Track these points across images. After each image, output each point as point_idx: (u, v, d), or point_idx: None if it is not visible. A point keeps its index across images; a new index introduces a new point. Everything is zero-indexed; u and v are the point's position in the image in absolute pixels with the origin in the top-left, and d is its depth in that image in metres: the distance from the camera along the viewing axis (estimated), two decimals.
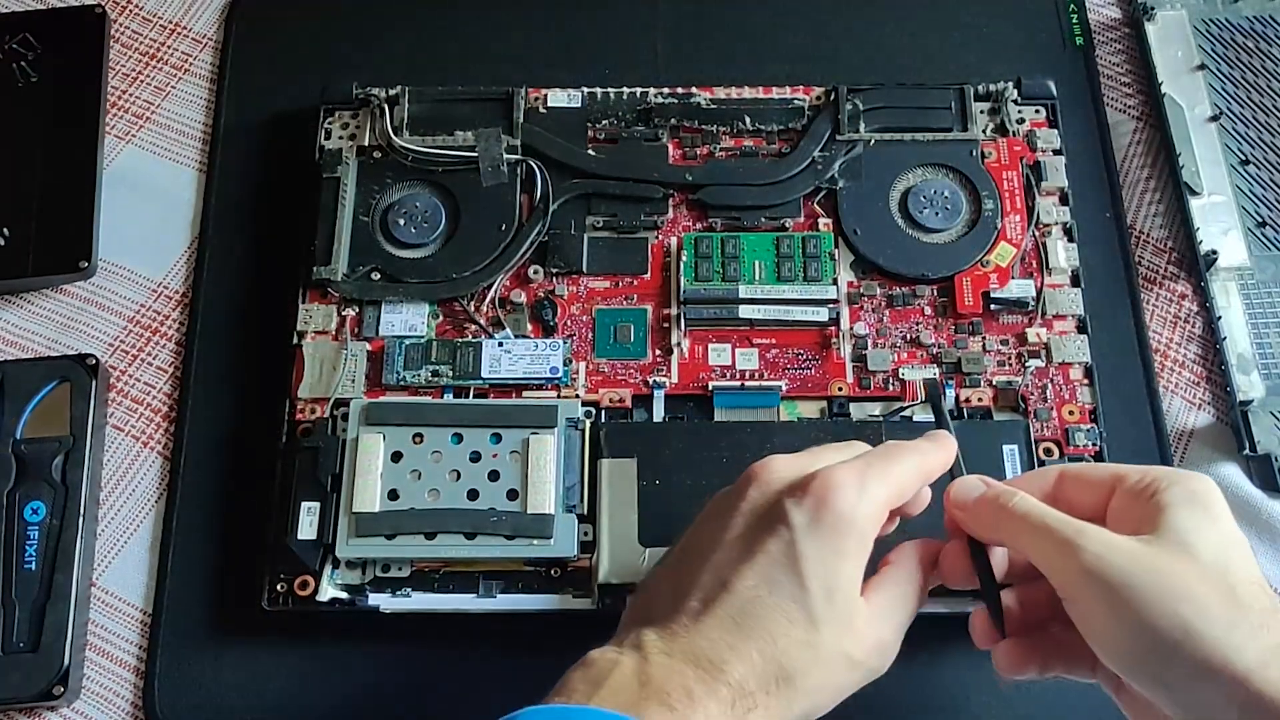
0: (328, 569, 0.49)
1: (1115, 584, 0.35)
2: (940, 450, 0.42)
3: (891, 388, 0.52)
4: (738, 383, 0.52)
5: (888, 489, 0.39)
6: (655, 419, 0.52)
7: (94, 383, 0.54)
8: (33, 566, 0.50)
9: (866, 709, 0.48)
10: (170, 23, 0.64)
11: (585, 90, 0.58)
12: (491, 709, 0.36)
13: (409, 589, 0.49)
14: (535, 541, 0.48)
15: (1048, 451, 0.50)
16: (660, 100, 0.57)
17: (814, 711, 0.38)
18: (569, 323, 0.54)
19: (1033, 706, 0.48)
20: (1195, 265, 0.56)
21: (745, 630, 0.36)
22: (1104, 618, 0.35)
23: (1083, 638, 0.37)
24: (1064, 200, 0.55)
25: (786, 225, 0.55)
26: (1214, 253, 0.55)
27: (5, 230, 0.58)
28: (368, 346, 0.53)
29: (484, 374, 0.52)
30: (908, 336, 0.53)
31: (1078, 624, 0.37)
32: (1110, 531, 0.37)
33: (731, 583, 0.37)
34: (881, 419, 0.51)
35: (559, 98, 0.58)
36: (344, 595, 0.49)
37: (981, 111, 0.57)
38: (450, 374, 0.52)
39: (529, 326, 0.54)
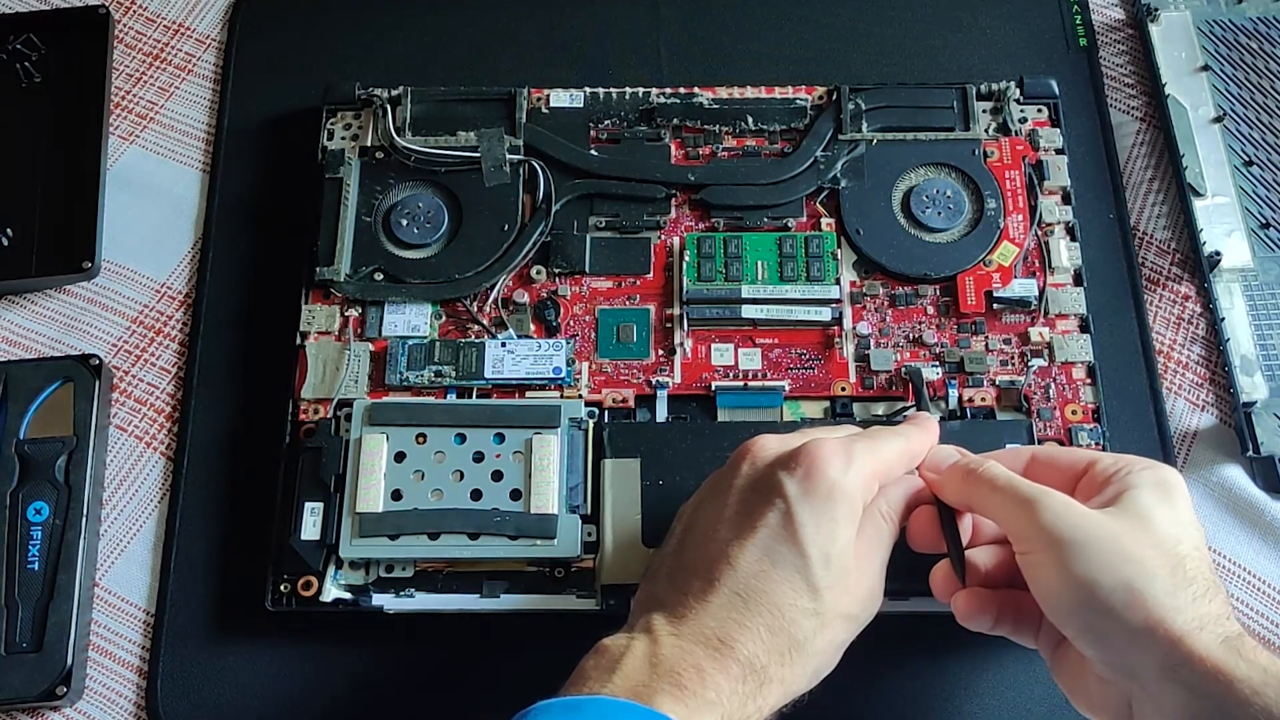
0: (331, 569, 0.49)
1: (1067, 540, 0.37)
2: (923, 432, 0.44)
3: (894, 387, 0.52)
4: (740, 383, 0.52)
5: (874, 461, 0.41)
6: (658, 419, 0.52)
7: (97, 383, 0.54)
8: (36, 566, 0.50)
9: (869, 709, 0.49)
10: (174, 23, 0.65)
11: (587, 90, 0.58)
12: (494, 709, 0.37)
13: (412, 589, 0.49)
14: (539, 542, 0.48)
15: None
16: (662, 100, 0.57)
17: (823, 670, 0.40)
18: (572, 323, 0.54)
19: (1032, 706, 0.48)
20: (1199, 266, 0.56)
21: (752, 606, 0.38)
22: (1053, 571, 0.37)
23: (1033, 600, 0.39)
24: (1066, 199, 0.55)
25: (789, 225, 0.55)
26: (1217, 254, 0.55)
27: (9, 231, 0.58)
28: (370, 347, 0.53)
29: (487, 374, 0.52)
30: (910, 336, 0.53)
31: (1029, 578, 0.39)
32: (1072, 499, 0.39)
33: (734, 559, 0.38)
34: (884, 419, 0.51)
35: (561, 98, 0.58)
36: (347, 596, 0.49)
37: (984, 111, 0.57)
38: (453, 374, 0.52)
39: (532, 327, 0.54)
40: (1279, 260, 0.55)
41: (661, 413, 0.52)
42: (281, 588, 0.48)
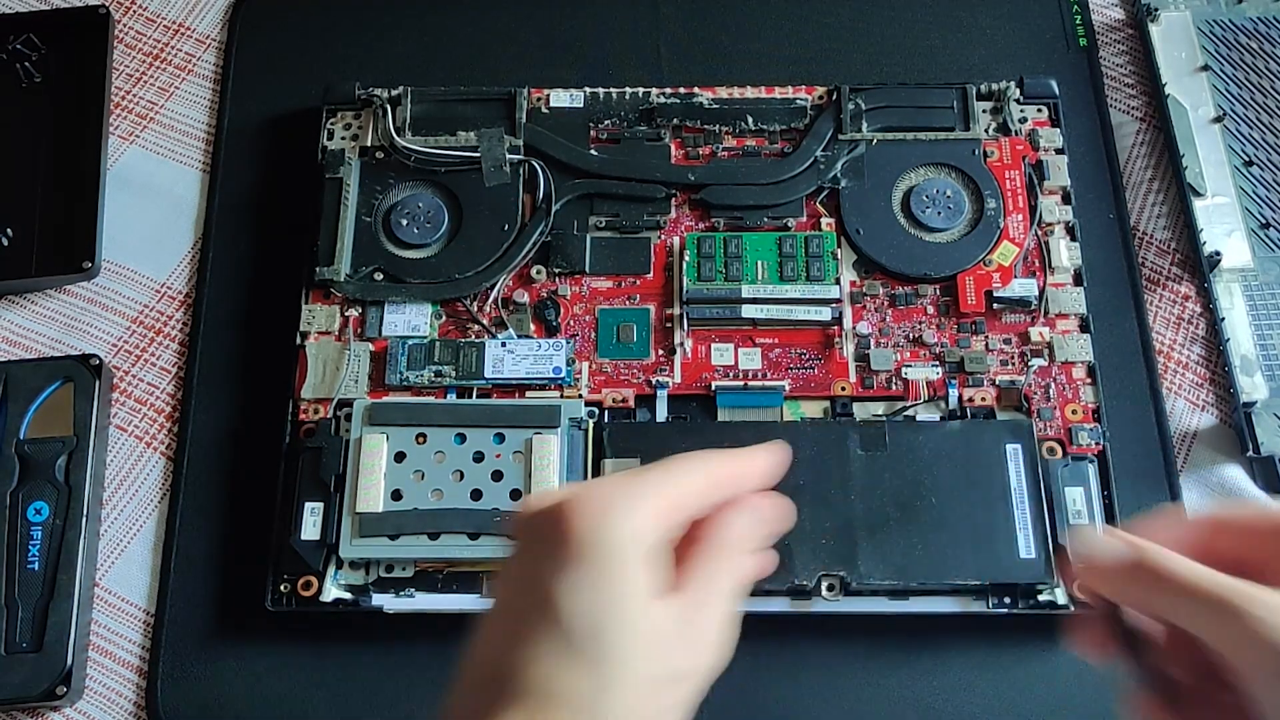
0: (331, 569, 0.49)
1: None
2: (751, 455, 0.35)
3: (894, 387, 0.52)
4: (740, 382, 0.52)
5: (655, 500, 0.33)
6: (658, 419, 0.52)
7: (97, 383, 0.54)
8: (36, 566, 0.50)
9: (868, 710, 0.49)
10: (174, 23, 0.65)
11: (587, 90, 0.58)
12: None
13: (412, 589, 0.49)
14: None
15: (1050, 450, 0.50)
16: (662, 100, 0.57)
17: None
18: (572, 323, 0.54)
19: (1032, 707, 0.48)
20: (1199, 266, 0.56)
21: (543, 714, 0.31)
22: None
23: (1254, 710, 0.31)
24: (1066, 199, 0.55)
25: (789, 225, 0.55)
26: (1217, 254, 0.55)
27: (9, 231, 0.58)
28: (370, 347, 0.53)
29: (487, 374, 0.52)
30: (910, 336, 0.53)
31: (1257, 705, 0.30)
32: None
33: (509, 667, 0.32)
34: (884, 418, 0.51)
35: (561, 98, 0.58)
36: (347, 596, 0.49)
37: (984, 111, 0.57)
38: (453, 374, 0.52)
39: (532, 326, 0.54)
40: (1279, 260, 0.55)
41: (661, 413, 0.52)
42: (281, 588, 0.48)
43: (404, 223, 0.55)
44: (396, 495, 0.49)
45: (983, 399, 0.52)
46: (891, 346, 0.53)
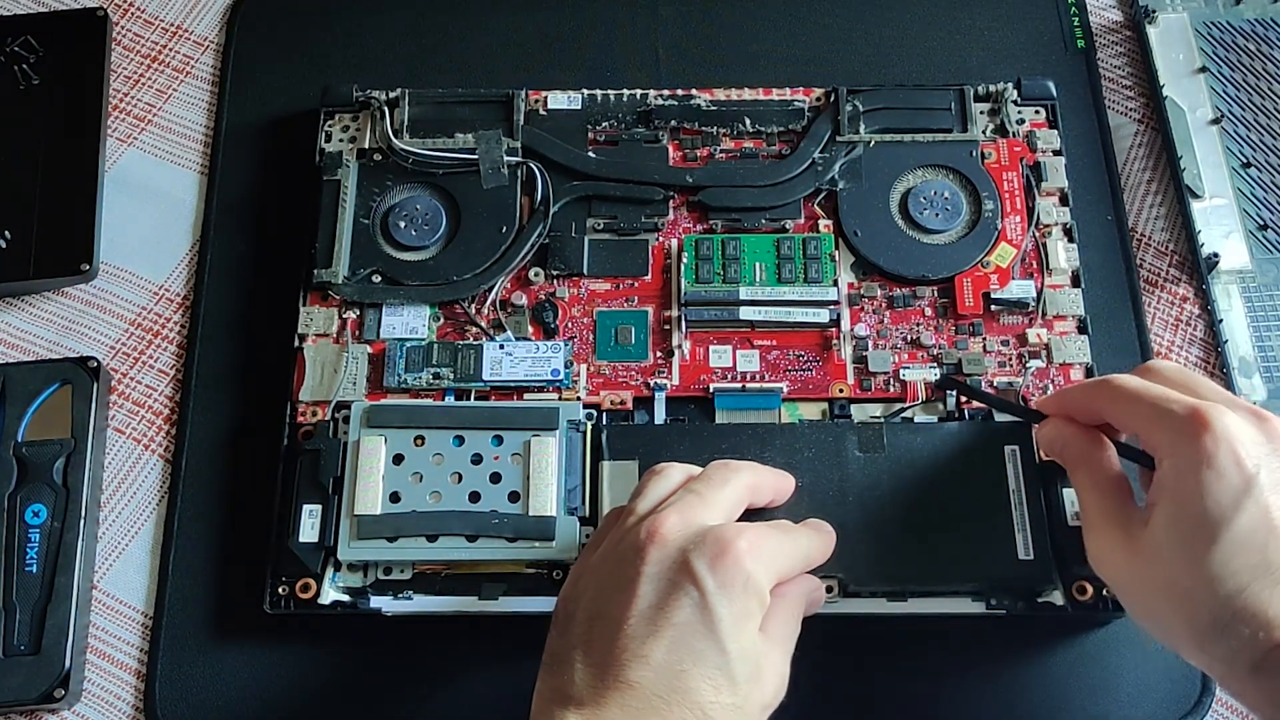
0: (329, 572, 0.49)
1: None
2: (828, 537, 0.45)
3: (892, 389, 0.52)
4: (739, 385, 0.52)
5: (783, 558, 0.41)
6: (656, 421, 0.52)
7: (95, 385, 0.54)
8: (34, 569, 0.50)
9: (865, 712, 0.49)
10: (172, 25, 0.65)
11: (585, 92, 0.58)
12: (493, 712, 0.37)
13: (410, 591, 0.49)
14: (537, 544, 0.48)
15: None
16: (660, 102, 0.57)
17: None
18: (570, 325, 0.54)
19: (1030, 709, 0.48)
20: (1197, 268, 0.56)
21: (674, 705, 0.36)
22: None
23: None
24: (1064, 201, 0.55)
25: (787, 227, 0.55)
26: (1215, 255, 0.55)
27: (7, 233, 0.58)
28: (369, 349, 0.53)
29: (485, 376, 0.52)
30: (908, 338, 0.53)
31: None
32: None
33: (652, 656, 0.37)
34: (882, 420, 0.51)
35: (559, 100, 0.58)
36: (345, 598, 0.49)
37: (981, 112, 0.57)
38: (451, 376, 0.52)
39: (530, 329, 0.54)
40: (1277, 262, 0.55)
41: (660, 415, 0.52)
42: (280, 590, 0.48)
43: (402, 225, 0.55)
44: (395, 497, 0.49)
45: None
46: (890, 348, 0.53)
